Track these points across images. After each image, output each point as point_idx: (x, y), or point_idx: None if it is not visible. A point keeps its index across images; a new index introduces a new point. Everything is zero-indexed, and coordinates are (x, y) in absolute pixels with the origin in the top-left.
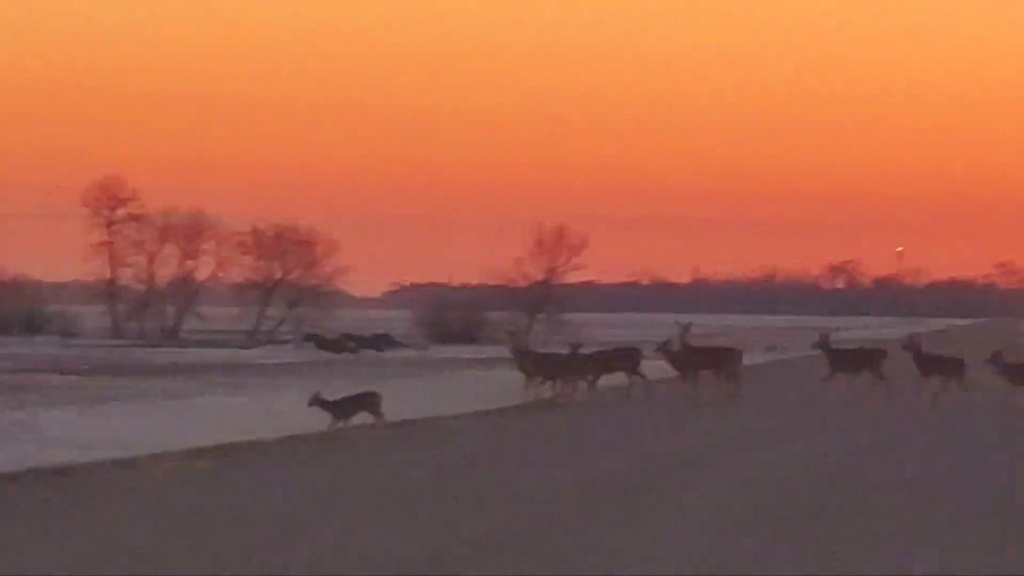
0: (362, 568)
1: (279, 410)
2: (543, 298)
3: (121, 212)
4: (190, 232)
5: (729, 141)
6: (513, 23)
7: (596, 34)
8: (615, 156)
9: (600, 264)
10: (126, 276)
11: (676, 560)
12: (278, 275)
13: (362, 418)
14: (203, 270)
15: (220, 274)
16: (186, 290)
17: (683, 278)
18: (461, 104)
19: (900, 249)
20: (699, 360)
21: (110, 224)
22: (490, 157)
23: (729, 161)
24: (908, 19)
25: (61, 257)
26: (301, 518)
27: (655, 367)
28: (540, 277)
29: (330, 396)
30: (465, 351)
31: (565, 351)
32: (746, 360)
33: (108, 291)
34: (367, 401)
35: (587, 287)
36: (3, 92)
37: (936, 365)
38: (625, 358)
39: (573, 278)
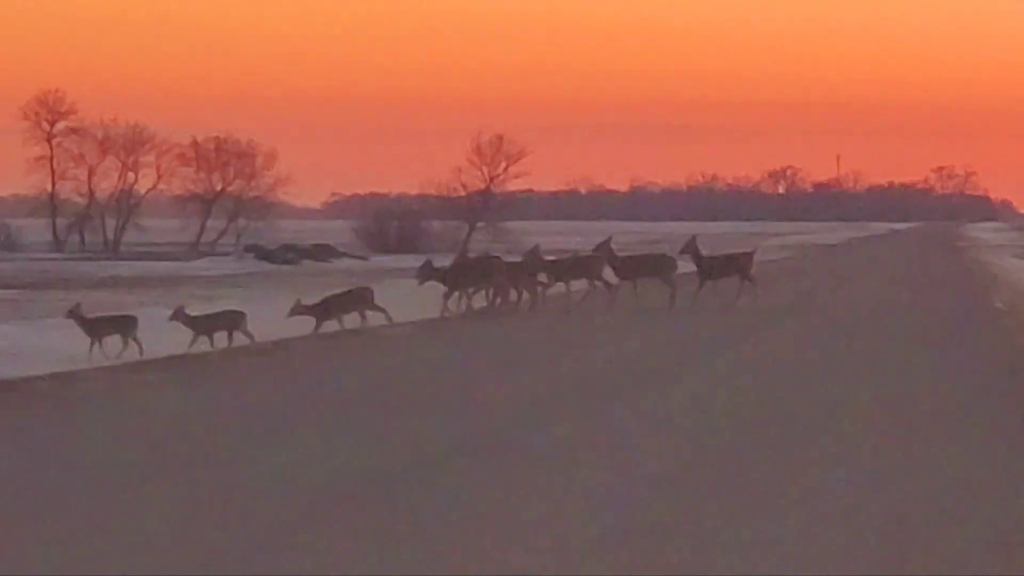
0: (339, 476)
1: None
2: (482, 207)
3: (60, 126)
4: (130, 145)
5: (667, 48)
6: None
7: None
8: (552, 64)
9: (539, 172)
10: (66, 190)
11: (651, 460)
12: (218, 187)
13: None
14: (143, 183)
15: (161, 186)
16: (127, 203)
17: (622, 186)
18: (400, 12)
19: (839, 155)
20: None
21: (50, 138)
22: (428, 65)
23: (666, 68)
24: None
25: (1, 171)
26: (263, 429)
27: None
28: (479, 186)
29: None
30: (405, 260)
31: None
32: (690, 266)
33: (48, 205)
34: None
35: (526, 196)
36: None
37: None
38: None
39: (513, 187)
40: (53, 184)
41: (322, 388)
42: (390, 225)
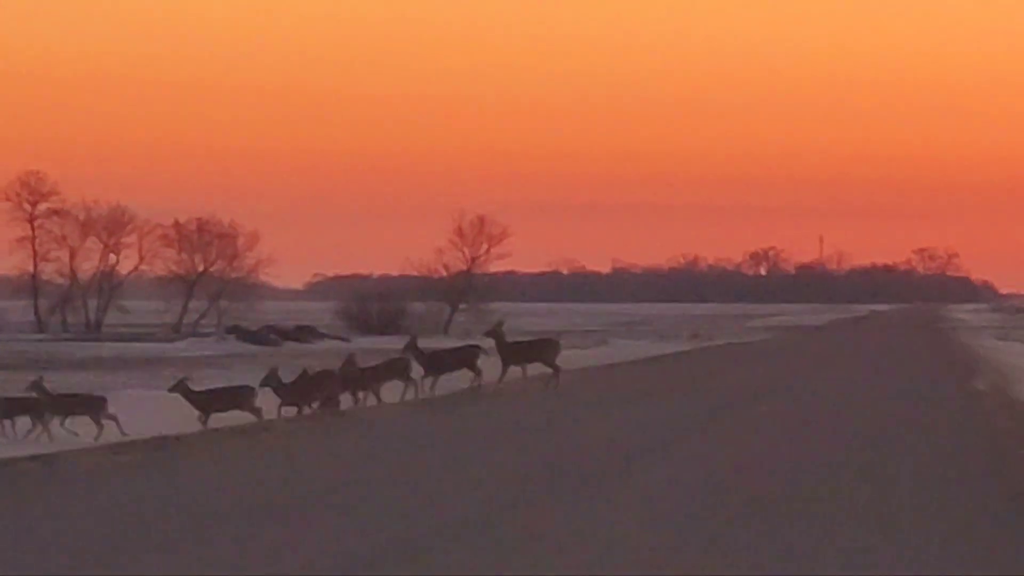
0: (323, 560)
1: None
2: (465, 288)
3: (42, 207)
4: (112, 226)
5: (647, 125)
6: (429, 7)
7: (511, 17)
8: (534, 142)
9: (520, 252)
10: (48, 270)
11: (638, 542)
12: (200, 268)
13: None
14: (125, 263)
15: (143, 267)
16: (109, 284)
17: (603, 267)
18: (380, 92)
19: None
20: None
21: (31, 219)
22: (409, 145)
23: (646, 146)
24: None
25: None
26: (247, 511)
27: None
28: (461, 267)
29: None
30: (387, 341)
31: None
32: (671, 347)
33: (31, 286)
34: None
35: (508, 276)
36: None
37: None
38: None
39: (495, 267)
40: (35, 265)
41: (304, 469)
42: (372, 307)
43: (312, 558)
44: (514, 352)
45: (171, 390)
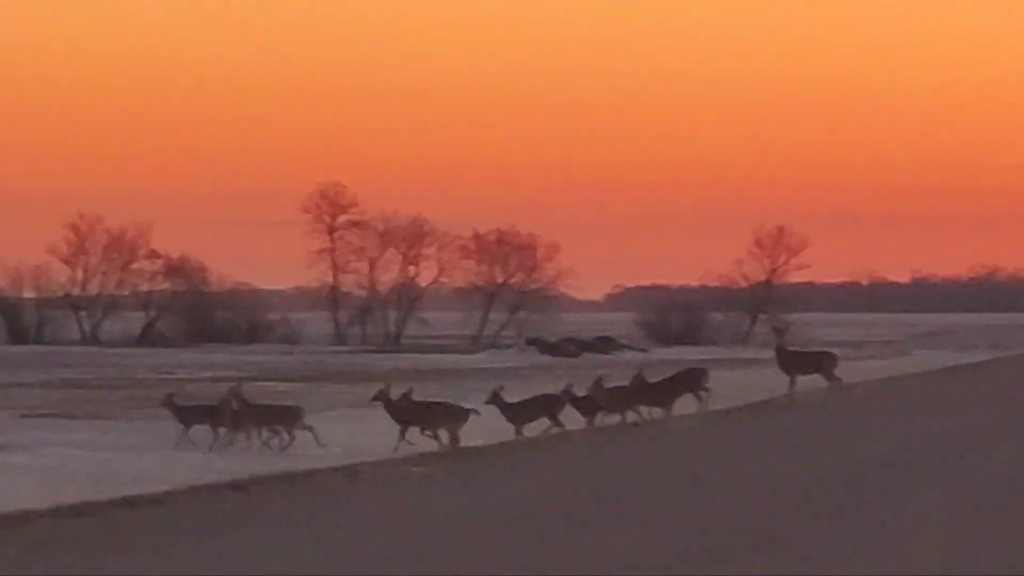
0: (628, 568)
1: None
2: (764, 299)
3: (342, 219)
4: (411, 238)
5: (948, 134)
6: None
7: (818, 25)
8: (833, 153)
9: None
10: (348, 282)
11: (924, 558)
12: (500, 279)
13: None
14: (425, 275)
15: (442, 279)
16: (408, 296)
17: (903, 277)
18: (677, 102)
19: None
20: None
21: (331, 231)
22: (707, 155)
23: (944, 155)
24: None
25: (283, 264)
26: (543, 520)
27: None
28: (761, 277)
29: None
30: (686, 352)
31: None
32: (971, 358)
33: (330, 298)
34: (550, 405)
35: (807, 287)
36: (226, 99)
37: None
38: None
39: (794, 278)
40: (335, 277)
41: (602, 478)
42: (672, 317)
43: (617, 567)
44: (795, 363)
45: (372, 399)
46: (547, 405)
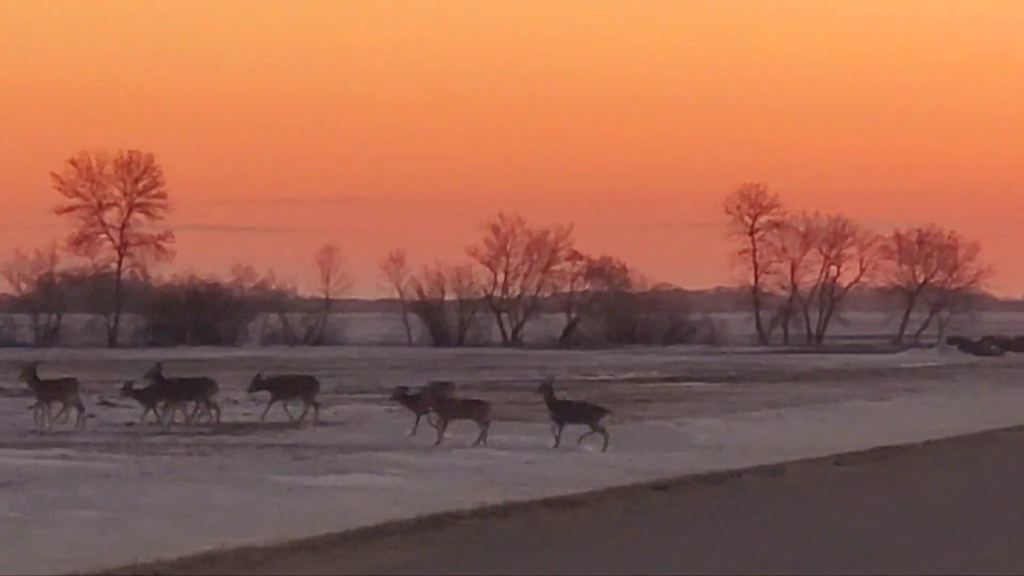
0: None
1: (923, 413)
2: None
3: (762, 219)
4: (832, 238)
5: None
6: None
7: None
8: None
9: None
10: (769, 283)
11: None
12: (921, 279)
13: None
14: (846, 276)
15: (863, 279)
16: (830, 296)
17: None
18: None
19: None
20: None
21: (752, 232)
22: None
23: None
24: None
25: (704, 265)
26: (960, 522)
27: None
28: None
29: None
30: None
31: None
32: None
33: (751, 298)
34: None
35: None
36: (644, 99)
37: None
38: None
39: None
40: (756, 278)
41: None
42: None
43: None
44: None
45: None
46: None
